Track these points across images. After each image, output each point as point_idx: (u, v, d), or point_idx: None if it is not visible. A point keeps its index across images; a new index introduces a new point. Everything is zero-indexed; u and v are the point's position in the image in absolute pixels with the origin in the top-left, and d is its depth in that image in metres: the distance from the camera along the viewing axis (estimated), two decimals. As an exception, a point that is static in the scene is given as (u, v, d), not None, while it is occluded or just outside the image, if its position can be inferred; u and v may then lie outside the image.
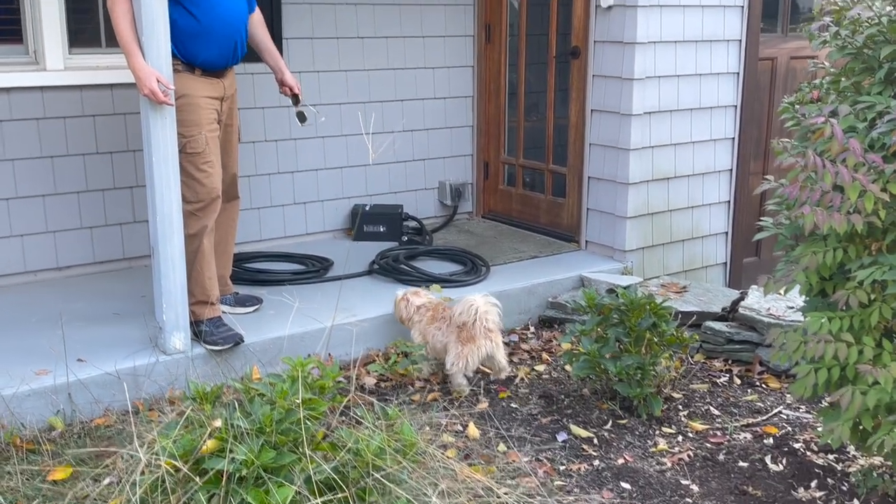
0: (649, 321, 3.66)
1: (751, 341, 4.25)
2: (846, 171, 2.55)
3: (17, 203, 4.46)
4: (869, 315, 2.70)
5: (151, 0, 3.41)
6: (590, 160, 5.17)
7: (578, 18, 5.12)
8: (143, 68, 3.46)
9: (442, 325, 3.88)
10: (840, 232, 2.60)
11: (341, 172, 5.50)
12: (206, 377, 3.71)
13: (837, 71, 3.08)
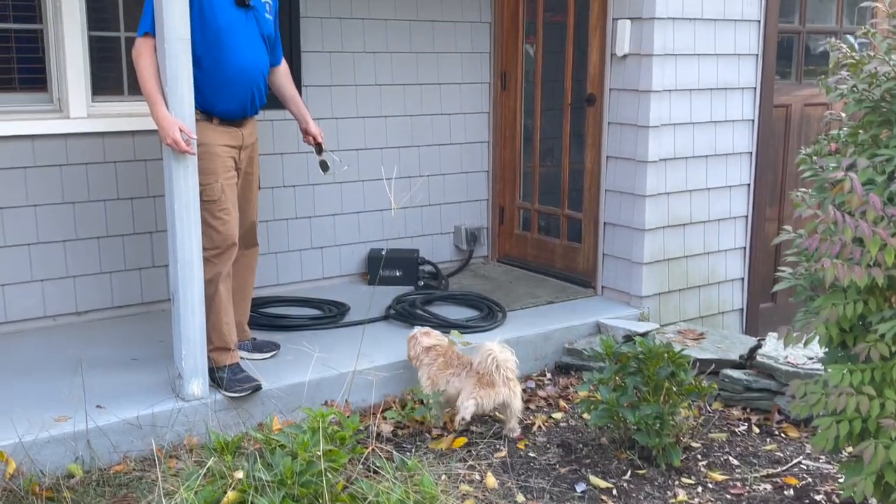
0: (668, 370, 3.65)
1: (769, 389, 4.23)
2: (866, 224, 2.56)
3: (38, 248, 4.50)
4: (891, 368, 2.69)
5: (176, 52, 3.48)
6: (605, 206, 5.19)
7: (594, 66, 5.18)
8: (166, 118, 3.51)
9: (459, 371, 3.88)
10: (861, 285, 2.60)
11: (358, 217, 5.54)
12: (225, 424, 3.72)
13: (855, 123, 3.10)
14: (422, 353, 4.03)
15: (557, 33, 5.57)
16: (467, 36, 5.73)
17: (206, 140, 3.73)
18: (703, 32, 5.00)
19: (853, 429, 2.76)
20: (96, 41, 4.59)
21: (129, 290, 4.78)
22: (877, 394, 2.70)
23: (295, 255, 5.35)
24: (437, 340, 4.09)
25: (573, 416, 4.18)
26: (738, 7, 5.11)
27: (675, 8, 4.84)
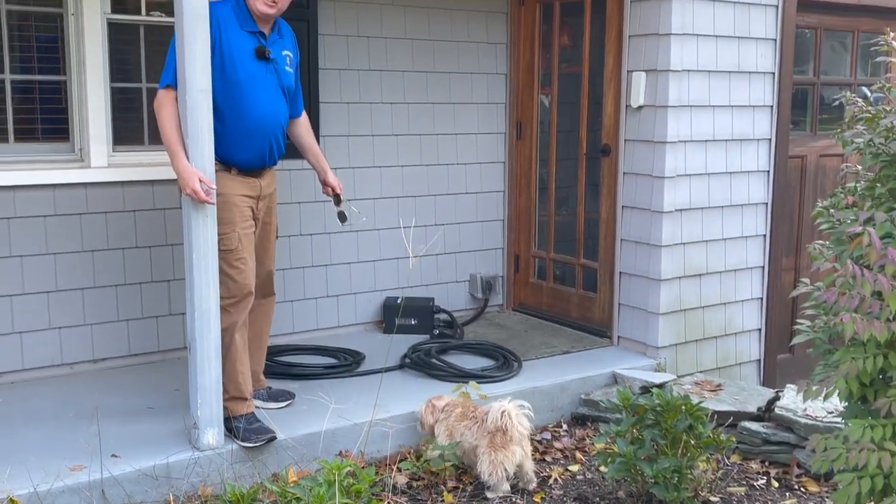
0: (685, 423, 3.62)
1: (788, 443, 4.18)
2: (885, 279, 2.55)
3: (56, 296, 4.53)
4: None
5: (197, 105, 3.53)
6: (621, 255, 5.20)
7: (609, 117, 5.22)
8: (186, 169, 3.55)
9: (472, 425, 3.85)
10: (881, 340, 2.59)
11: (374, 265, 5.56)
12: (240, 475, 3.70)
13: (872, 176, 3.10)
14: (440, 412, 3.99)
15: (573, 84, 5.63)
16: (483, 87, 5.79)
17: (225, 190, 3.77)
18: (718, 84, 5.05)
19: (875, 485, 2.72)
20: (118, 92, 4.67)
21: (146, 338, 4.80)
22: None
23: (311, 303, 5.36)
24: (448, 400, 4.07)
25: (590, 468, 4.14)
26: (753, 59, 5.16)
27: (689, 60, 4.89)
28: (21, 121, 4.49)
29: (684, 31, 4.85)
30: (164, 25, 4.69)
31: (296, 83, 4.07)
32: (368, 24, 5.32)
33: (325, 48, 5.16)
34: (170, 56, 3.70)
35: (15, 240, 4.41)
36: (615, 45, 5.13)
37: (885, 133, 2.98)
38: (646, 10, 4.91)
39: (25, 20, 4.48)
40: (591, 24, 5.36)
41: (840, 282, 2.74)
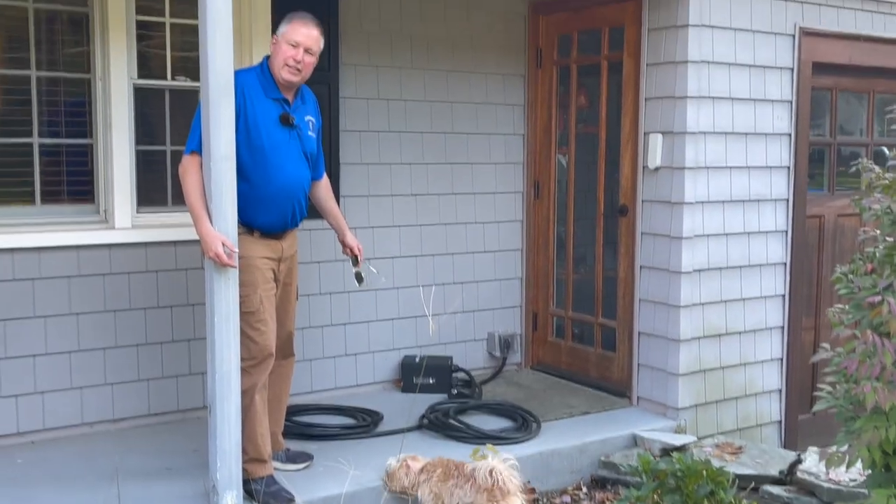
0: (707, 489, 3.60)
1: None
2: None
3: (78, 356, 4.57)
4: (937, 494, 2.65)
5: (222, 171, 3.59)
6: (640, 315, 5.20)
7: (626, 178, 5.26)
8: (209, 233, 3.60)
9: (462, 483, 3.75)
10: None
11: (392, 324, 5.58)
12: (258, 539, 3.69)
13: (891, 242, 3.11)
14: (417, 475, 3.89)
15: (590, 144, 5.69)
16: (501, 147, 5.86)
17: (247, 252, 3.81)
18: (735, 146, 5.09)
19: (900, 556, 2.70)
20: (143, 154, 4.75)
21: (166, 398, 4.82)
22: (924, 521, 2.64)
23: (329, 361, 5.38)
24: (426, 461, 3.97)
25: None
26: (769, 121, 5.21)
27: (705, 123, 4.94)
28: (48, 183, 4.57)
29: (700, 94, 4.90)
30: (189, 90, 4.79)
31: (318, 147, 4.14)
32: (388, 87, 5.41)
33: (345, 110, 5.25)
34: (195, 122, 3.78)
35: (39, 300, 4.46)
36: (632, 106, 5.19)
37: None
38: (662, 73, 4.98)
39: (54, 85, 4.59)
40: (607, 86, 5.44)
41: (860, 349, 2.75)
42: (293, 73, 3.84)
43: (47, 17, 4.55)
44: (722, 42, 4.96)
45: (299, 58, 3.82)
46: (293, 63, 3.82)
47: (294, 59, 3.81)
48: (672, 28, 4.91)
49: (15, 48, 4.51)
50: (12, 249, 4.38)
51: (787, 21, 5.21)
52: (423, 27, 5.50)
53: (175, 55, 4.81)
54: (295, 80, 3.87)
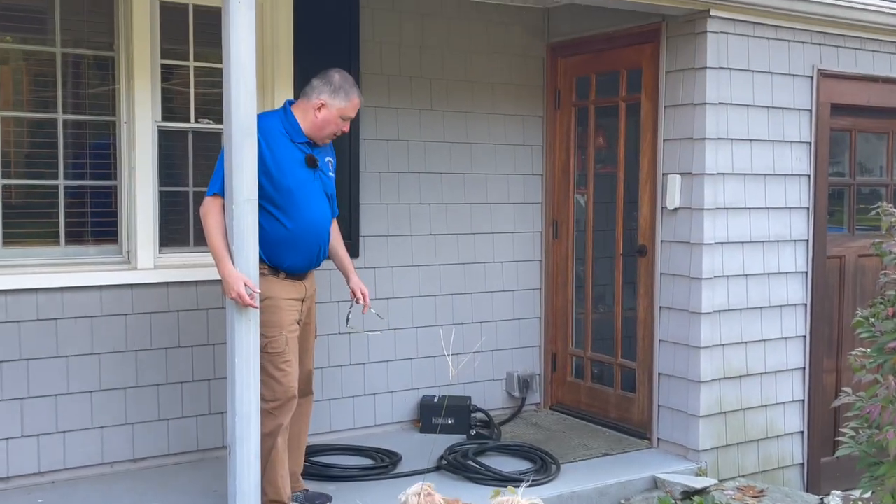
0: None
1: (835, 553, 4.09)
2: (929, 395, 2.54)
3: (100, 395, 4.59)
4: (963, 543, 2.61)
5: (244, 213, 3.63)
6: (660, 356, 5.18)
7: (645, 218, 5.27)
8: (231, 273, 3.64)
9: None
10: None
11: (411, 364, 5.58)
12: (276, 582, 3.68)
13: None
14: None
15: (608, 184, 5.71)
16: (520, 187, 5.90)
17: (273, 294, 3.85)
18: (754, 187, 5.10)
19: None
20: (165, 195, 4.80)
21: (186, 438, 4.83)
22: (950, 571, 2.61)
23: (348, 401, 5.38)
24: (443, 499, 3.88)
25: (631, 578, 4.06)
26: (788, 163, 5.22)
27: (724, 164, 4.95)
28: (72, 224, 4.63)
29: (719, 136, 4.93)
30: (212, 132, 4.86)
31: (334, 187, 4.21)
32: (408, 129, 5.47)
33: (365, 152, 5.31)
34: (218, 165, 3.84)
35: (62, 340, 4.50)
36: (650, 147, 5.22)
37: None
38: (680, 114, 5.01)
39: (80, 128, 4.66)
40: (625, 127, 5.47)
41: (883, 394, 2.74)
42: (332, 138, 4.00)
43: (74, 61, 4.63)
44: (740, 84, 4.99)
45: (346, 129, 4.02)
46: (340, 133, 4.01)
47: (342, 131, 4.01)
48: (690, 70, 4.95)
49: (42, 91, 4.59)
50: (36, 289, 4.43)
51: (805, 63, 5.24)
52: (443, 70, 5.57)
53: (199, 97, 4.88)
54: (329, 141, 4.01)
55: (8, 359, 4.39)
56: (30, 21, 4.54)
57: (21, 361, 4.42)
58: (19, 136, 4.57)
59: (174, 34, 4.80)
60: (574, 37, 5.74)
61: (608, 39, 5.51)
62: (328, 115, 3.93)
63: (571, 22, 5.73)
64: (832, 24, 5.27)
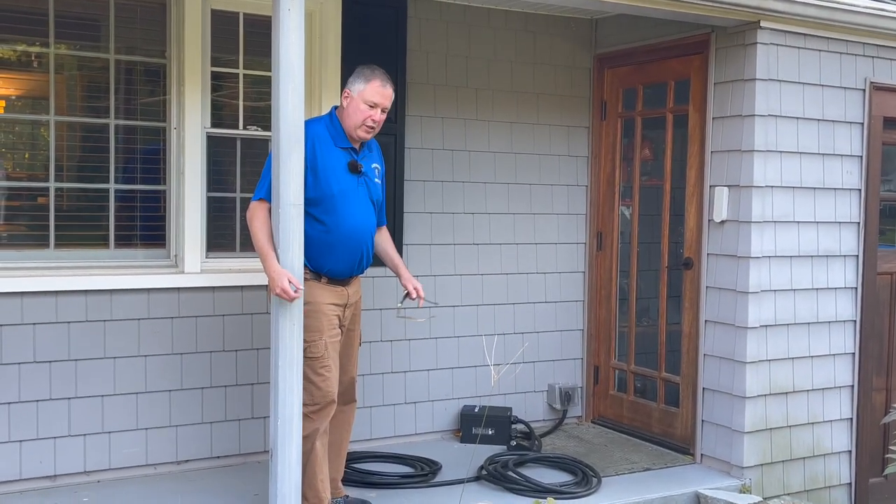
0: (774, 551, 3.49)
1: (884, 576, 3.99)
2: None
3: (145, 397, 4.65)
4: None
5: (290, 217, 3.66)
6: (704, 371, 5.12)
7: (690, 231, 5.22)
8: (275, 269, 3.66)
9: None
10: (983, 475, 2.49)
11: (452, 373, 5.58)
12: (315, 586, 3.68)
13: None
14: None
15: (654, 197, 5.66)
16: (564, 198, 5.88)
17: (314, 298, 3.87)
18: (803, 200, 5.03)
19: None
20: (213, 201, 4.86)
21: (228, 441, 4.86)
22: None
23: (389, 409, 5.39)
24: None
25: None
26: (838, 177, 5.14)
27: (773, 176, 4.89)
28: (121, 227, 4.70)
29: (767, 148, 4.87)
30: (259, 139, 4.92)
31: (382, 194, 4.21)
32: (453, 139, 5.49)
33: (410, 161, 5.33)
34: (265, 170, 3.88)
35: (109, 342, 4.57)
36: (697, 159, 5.17)
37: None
38: (728, 126, 4.96)
39: (131, 133, 4.74)
40: (672, 139, 5.43)
41: (937, 411, 2.67)
42: (368, 132, 3.94)
43: (126, 68, 4.72)
44: (790, 96, 4.94)
45: (377, 118, 3.92)
46: (371, 123, 3.92)
47: (372, 120, 3.92)
48: (739, 81, 4.90)
49: (95, 97, 4.68)
50: (86, 291, 4.50)
51: (857, 76, 5.17)
52: (489, 81, 5.58)
53: (247, 105, 4.94)
54: (368, 138, 3.98)
55: (57, 359, 4.47)
56: (85, 28, 4.63)
57: (70, 362, 4.50)
58: (72, 141, 4.66)
59: (225, 42, 4.87)
60: (621, 47, 5.72)
61: (655, 50, 5.48)
62: (352, 103, 3.92)
63: (619, 33, 5.71)
64: (885, 37, 5.20)
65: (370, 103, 3.89)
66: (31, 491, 4.40)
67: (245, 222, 3.96)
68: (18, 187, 4.53)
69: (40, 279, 4.41)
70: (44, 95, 4.54)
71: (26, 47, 4.51)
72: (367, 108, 3.89)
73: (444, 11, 5.40)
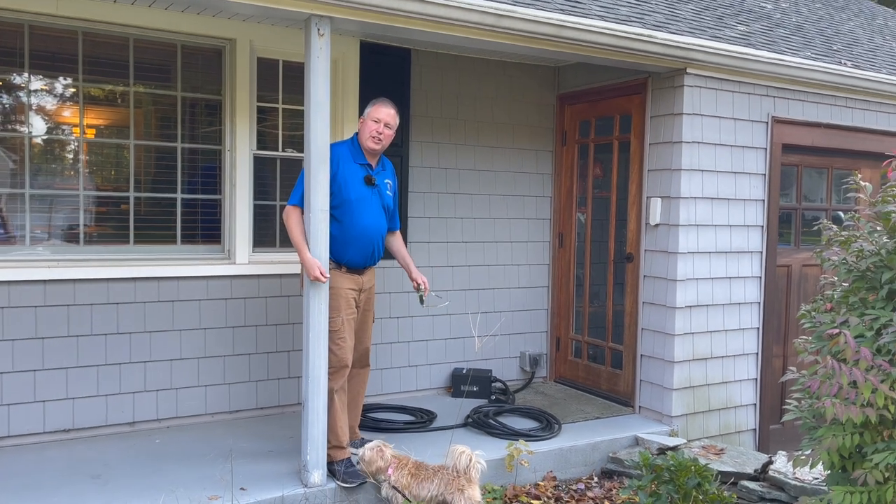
0: (695, 481, 3.51)
1: (780, 500, 4.00)
2: (860, 372, 2.48)
3: (205, 361, 4.65)
4: (885, 491, 2.55)
5: (319, 220, 3.67)
6: (642, 341, 5.13)
7: (632, 232, 5.23)
8: (310, 260, 3.67)
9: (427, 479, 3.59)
10: (857, 421, 2.51)
11: (445, 343, 5.58)
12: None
13: (846, 287, 3.04)
14: (391, 462, 3.65)
15: (603, 206, 5.66)
16: (533, 206, 5.87)
17: (335, 284, 3.87)
18: (719, 208, 5.03)
19: (855, 542, 2.60)
20: (258, 207, 4.85)
21: (270, 395, 4.86)
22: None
23: (395, 371, 5.39)
24: (394, 451, 3.71)
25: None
26: (747, 190, 5.14)
27: (696, 189, 4.90)
28: (186, 228, 4.69)
29: (692, 168, 4.87)
30: (294, 159, 4.91)
31: (395, 204, 4.19)
32: (446, 159, 5.48)
33: (413, 176, 5.32)
34: (298, 182, 3.87)
35: (177, 318, 4.56)
36: (637, 176, 5.17)
37: (856, 253, 2.94)
38: (661, 150, 4.97)
39: (194, 154, 4.73)
40: (618, 160, 5.43)
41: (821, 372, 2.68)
42: (376, 142, 3.92)
43: (191, 103, 4.71)
44: (709, 127, 4.94)
45: (381, 130, 3.91)
46: (376, 134, 3.91)
47: (377, 132, 3.90)
48: (669, 115, 4.90)
49: (166, 126, 4.67)
50: (158, 278, 4.50)
51: (762, 111, 5.17)
52: (474, 114, 5.58)
53: (285, 132, 4.93)
54: (377, 149, 3.95)
55: (136, 331, 4.46)
56: (158, 72, 4.62)
57: (145, 333, 4.49)
58: (147, 161, 4.65)
59: (268, 83, 4.85)
60: (578, 88, 5.71)
61: (605, 91, 5.48)
62: (364, 123, 3.95)
63: (576, 77, 5.71)
64: (784, 81, 5.20)
65: (374, 119, 3.91)
66: (114, 434, 4.40)
67: (283, 225, 3.95)
68: (106, 196, 4.52)
69: (122, 268, 4.40)
70: (125, 125, 4.53)
71: (112, 87, 4.49)
72: (373, 122, 3.91)
73: (439, 59, 5.39)
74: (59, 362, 4.28)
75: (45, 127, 4.33)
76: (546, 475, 4.35)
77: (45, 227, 4.35)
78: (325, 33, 3.62)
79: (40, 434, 4.24)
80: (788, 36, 5.85)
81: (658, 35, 4.52)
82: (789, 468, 4.06)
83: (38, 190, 4.30)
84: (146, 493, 3.58)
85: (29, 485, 3.64)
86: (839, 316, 2.82)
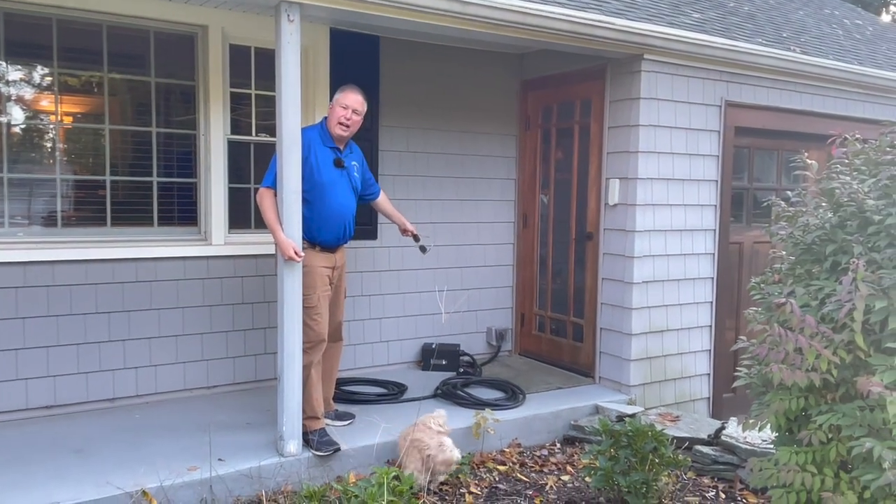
0: (651, 445, 3.53)
1: (732, 463, 4.06)
2: (804, 339, 2.50)
3: (182, 339, 4.57)
4: (828, 451, 2.58)
5: (291, 201, 3.60)
6: (601, 315, 5.14)
7: (592, 212, 5.22)
8: (284, 240, 3.61)
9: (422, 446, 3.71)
10: (802, 385, 2.53)
11: (415, 319, 5.54)
12: (313, 476, 3.66)
13: (793, 260, 3.06)
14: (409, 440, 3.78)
15: (565, 187, 5.65)
16: (498, 188, 5.84)
17: (310, 262, 3.81)
18: (675, 188, 5.04)
19: (800, 499, 2.63)
20: (233, 190, 4.75)
21: (247, 370, 4.80)
22: (817, 471, 2.58)
23: (368, 346, 5.35)
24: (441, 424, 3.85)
25: (578, 478, 4.03)
26: (701, 170, 5.16)
27: (652, 170, 4.90)
28: (163, 210, 4.58)
29: (648, 150, 4.87)
30: (267, 143, 4.81)
31: (366, 178, 4.14)
32: (415, 143, 5.41)
33: (383, 160, 5.25)
34: (271, 165, 3.79)
35: (155, 297, 4.47)
36: (597, 158, 5.16)
37: (802, 228, 2.96)
38: (620, 133, 4.96)
39: (169, 139, 4.61)
40: (578, 144, 5.41)
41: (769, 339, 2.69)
42: (343, 129, 3.86)
43: (165, 89, 4.58)
44: (665, 110, 4.94)
45: (349, 116, 3.84)
46: (344, 120, 3.84)
47: (345, 118, 3.84)
48: (628, 100, 4.89)
49: (141, 112, 4.54)
50: (136, 259, 4.39)
51: (716, 95, 5.18)
52: (443, 100, 5.51)
53: (258, 117, 4.82)
54: (345, 134, 3.88)
55: (114, 310, 4.36)
56: (132, 58, 4.48)
57: (124, 312, 4.39)
58: (123, 145, 4.52)
59: (240, 69, 4.74)
60: (541, 75, 5.67)
61: (566, 77, 5.45)
62: (332, 109, 3.89)
63: (539, 64, 5.67)
64: (737, 66, 5.21)
65: (343, 105, 3.84)
66: (95, 410, 4.30)
67: (257, 207, 3.87)
68: (83, 180, 4.39)
69: (100, 249, 4.29)
70: (101, 111, 4.39)
71: (87, 74, 4.35)
72: (342, 108, 3.84)
73: (409, 46, 5.30)
74: (39, 341, 4.17)
75: (22, 115, 4.18)
76: (511, 442, 4.36)
77: (24, 211, 4.21)
78: (295, 19, 3.53)
79: (24, 410, 4.14)
80: (741, 24, 5.86)
81: (616, 22, 4.49)
82: (740, 433, 4.11)
83: (16, 174, 4.15)
84: (127, 465, 3.51)
85: (12, 460, 3.55)
86: (786, 287, 2.84)
